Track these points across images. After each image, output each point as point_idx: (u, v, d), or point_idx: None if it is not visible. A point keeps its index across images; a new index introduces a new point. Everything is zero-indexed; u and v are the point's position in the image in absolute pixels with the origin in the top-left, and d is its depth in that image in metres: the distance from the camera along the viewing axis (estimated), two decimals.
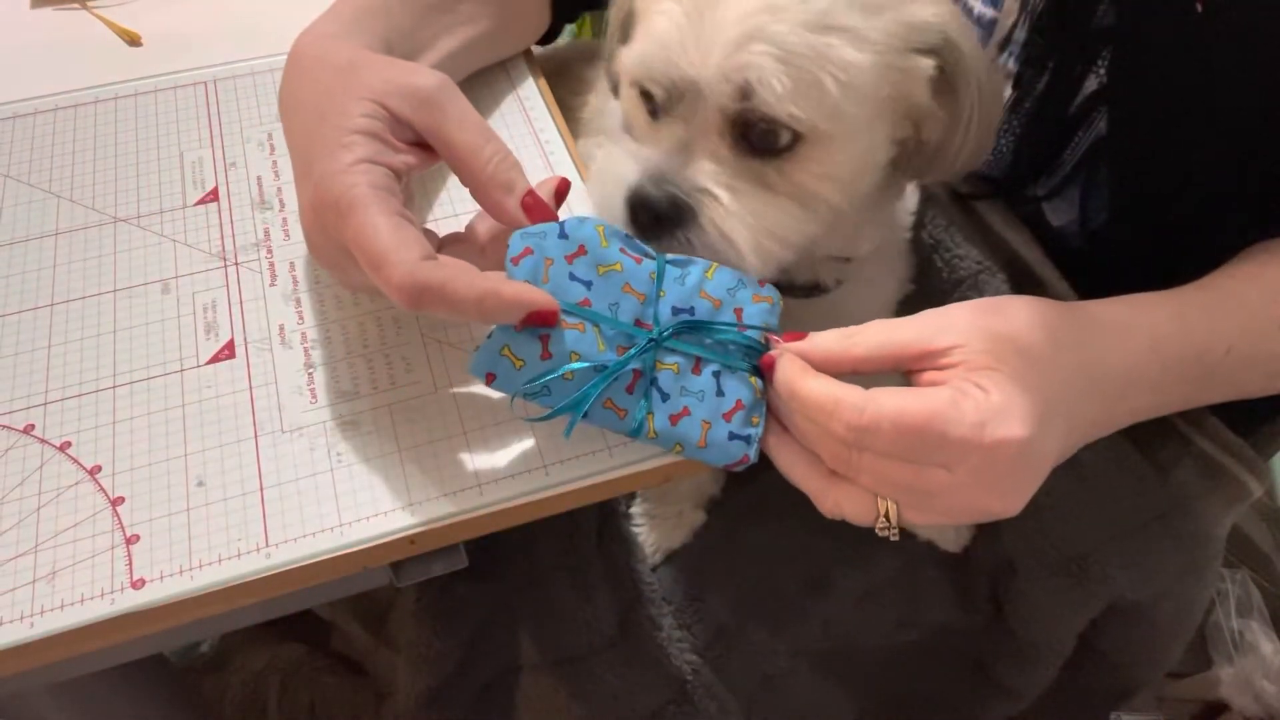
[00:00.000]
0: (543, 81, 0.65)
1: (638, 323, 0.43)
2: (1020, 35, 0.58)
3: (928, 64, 0.47)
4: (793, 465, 0.44)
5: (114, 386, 0.47)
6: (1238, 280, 0.49)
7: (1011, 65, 0.59)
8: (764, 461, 0.68)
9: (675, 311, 0.44)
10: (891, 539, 0.42)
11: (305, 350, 0.49)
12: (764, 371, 0.44)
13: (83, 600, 0.40)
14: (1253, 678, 1.03)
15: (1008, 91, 0.58)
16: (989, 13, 0.59)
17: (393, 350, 0.49)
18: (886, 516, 0.42)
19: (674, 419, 0.43)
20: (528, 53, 0.67)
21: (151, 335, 0.49)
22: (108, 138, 0.60)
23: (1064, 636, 0.66)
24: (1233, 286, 0.49)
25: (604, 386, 0.42)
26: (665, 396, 0.43)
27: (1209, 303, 0.48)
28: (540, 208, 0.44)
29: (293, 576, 0.41)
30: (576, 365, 0.41)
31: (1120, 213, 0.57)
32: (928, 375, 0.42)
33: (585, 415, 0.42)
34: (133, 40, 0.68)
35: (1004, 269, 0.62)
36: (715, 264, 0.45)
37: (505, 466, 0.44)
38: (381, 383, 0.48)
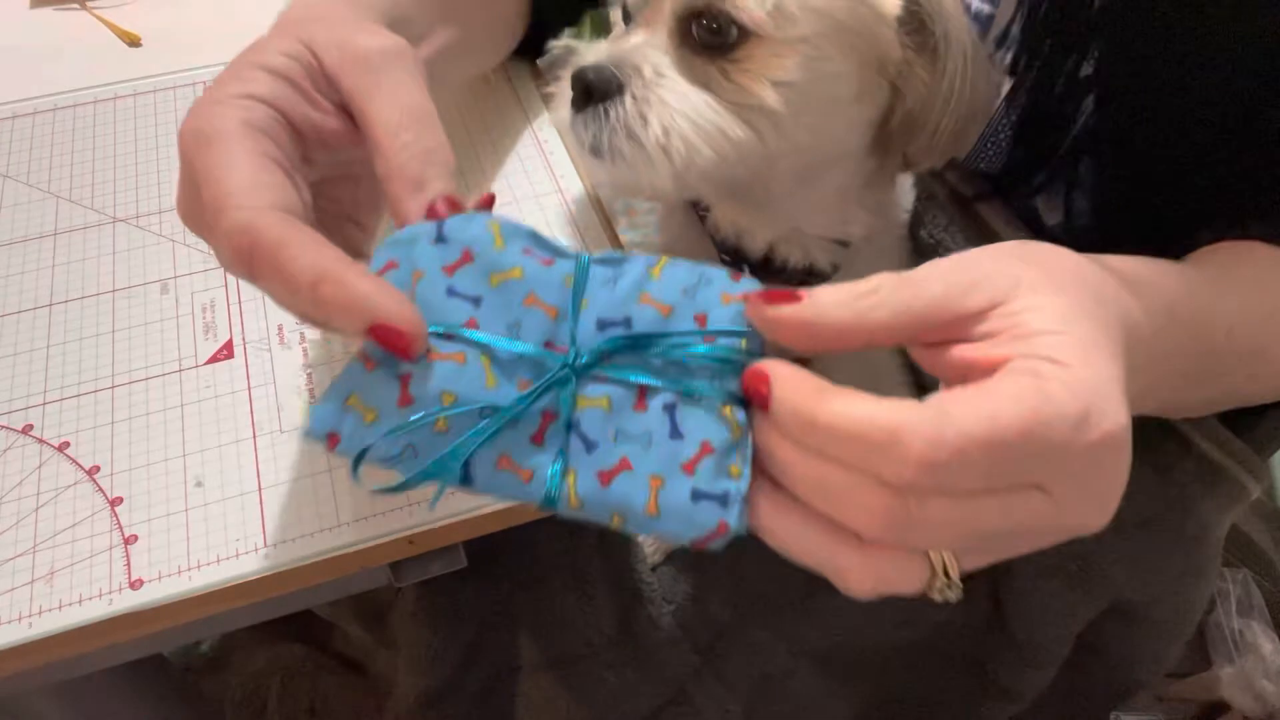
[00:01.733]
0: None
1: (547, 345, 0.32)
2: (1016, 31, 0.58)
3: (894, 3, 0.47)
4: (802, 539, 0.31)
5: (113, 386, 0.47)
6: (1229, 262, 0.48)
7: (1009, 59, 0.59)
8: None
9: (603, 326, 0.32)
10: (953, 599, 0.31)
11: (304, 350, 0.49)
12: (749, 395, 0.31)
13: (81, 601, 0.40)
14: (1253, 677, 1.03)
15: (1006, 84, 0.58)
16: (986, 8, 0.59)
17: None
18: (946, 574, 0.30)
19: (605, 476, 0.30)
20: (534, 68, 0.67)
21: (150, 335, 0.49)
22: (108, 138, 0.60)
23: (1063, 637, 0.66)
24: (1228, 264, 0.48)
25: (490, 436, 0.30)
26: (591, 446, 0.31)
27: (1210, 277, 0.45)
28: (438, 212, 0.34)
29: (292, 577, 0.41)
30: (451, 410, 0.30)
31: (1103, 209, 0.57)
32: (960, 352, 0.32)
33: (466, 480, 0.30)
34: (133, 40, 0.68)
35: None
36: (664, 258, 0.33)
37: None
38: None
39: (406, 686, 0.66)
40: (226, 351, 0.49)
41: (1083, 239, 0.57)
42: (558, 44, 0.56)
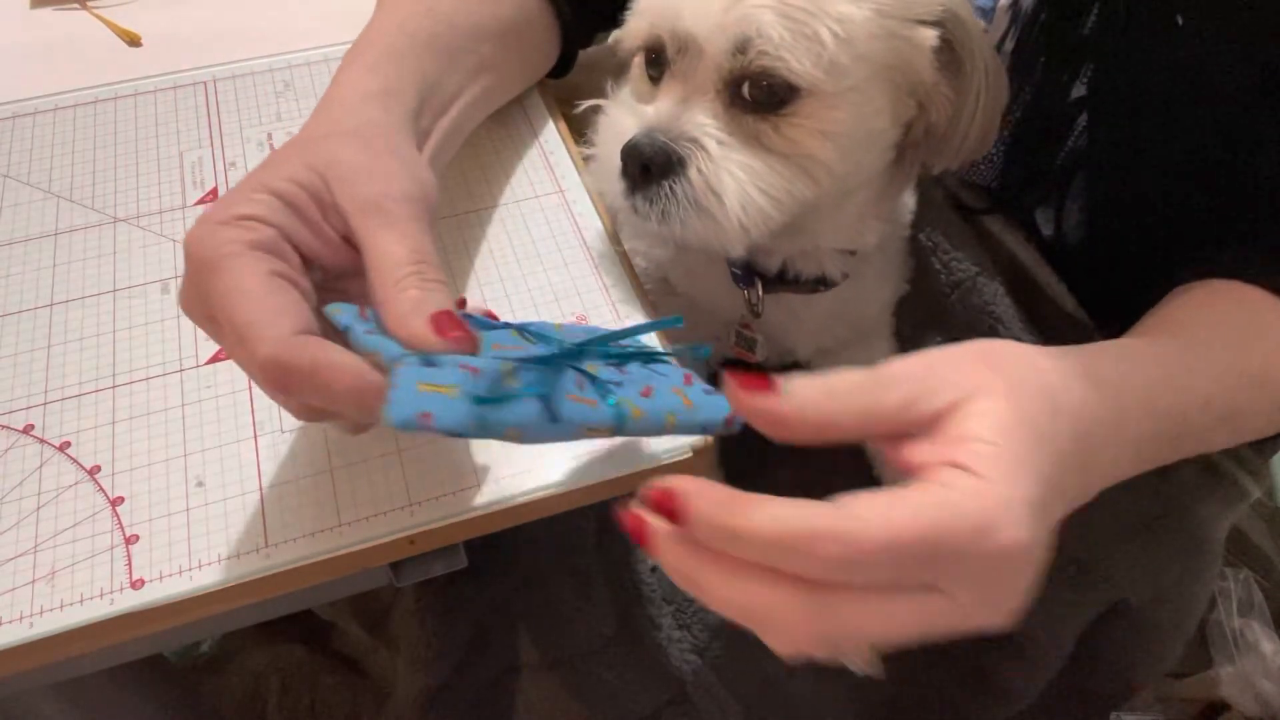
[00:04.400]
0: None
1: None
2: (1009, 48, 0.58)
3: (930, 34, 0.47)
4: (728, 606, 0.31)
5: (114, 386, 0.47)
6: (1201, 328, 0.48)
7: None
8: (758, 465, 0.68)
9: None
10: (872, 674, 0.32)
11: None
12: (659, 510, 0.32)
13: (82, 600, 0.40)
14: (1253, 677, 1.03)
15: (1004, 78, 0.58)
16: (980, 24, 0.60)
17: None
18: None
19: (646, 392, 0.36)
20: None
21: (151, 335, 0.49)
22: (108, 138, 0.60)
23: (1064, 638, 0.66)
24: (1200, 335, 0.47)
25: (556, 378, 0.34)
26: (619, 385, 0.37)
27: (1184, 352, 0.45)
28: (455, 323, 0.35)
29: (292, 576, 0.41)
30: (517, 354, 0.34)
31: (1095, 224, 0.57)
32: (903, 453, 0.34)
33: (553, 418, 0.34)
34: (133, 40, 0.68)
35: (1001, 272, 0.62)
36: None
37: (505, 466, 0.44)
38: None
39: (406, 686, 0.66)
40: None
41: (1075, 252, 0.57)
42: (584, 103, 0.55)
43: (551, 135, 0.62)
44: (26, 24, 0.71)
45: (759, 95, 0.46)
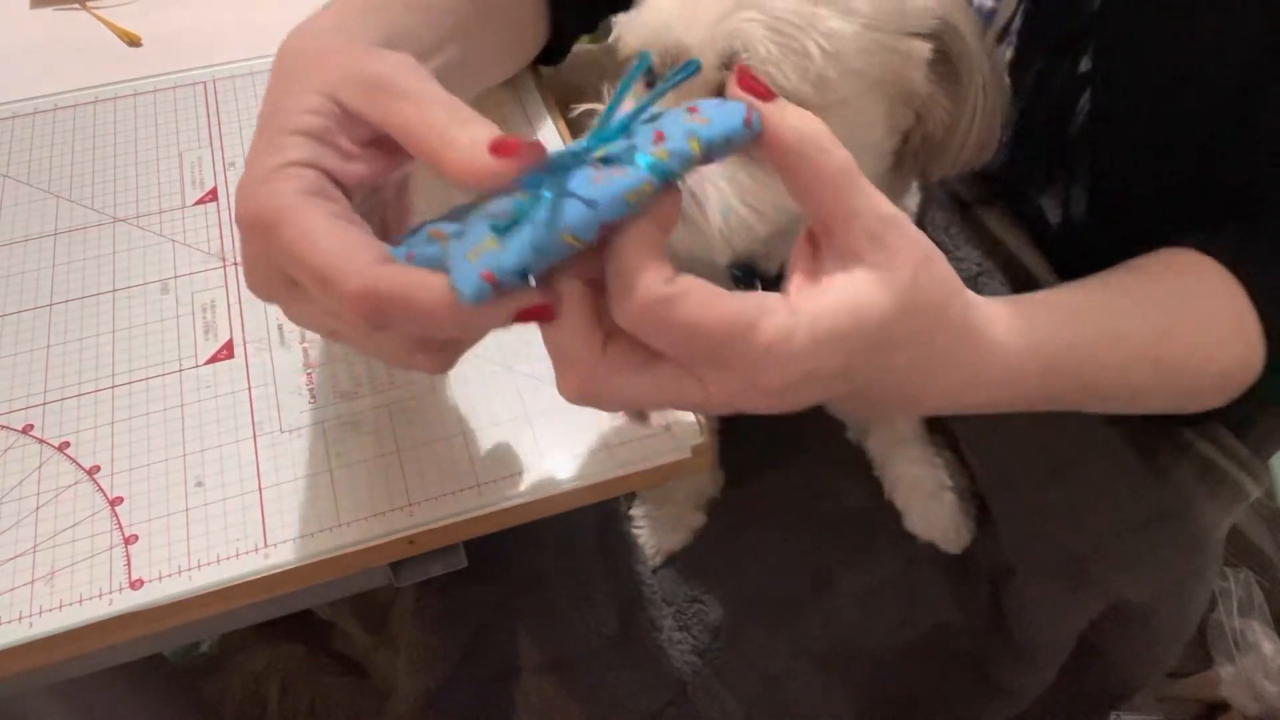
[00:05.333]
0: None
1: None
2: (1017, 26, 0.58)
3: (924, 47, 0.47)
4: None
5: (113, 386, 0.47)
6: (1139, 297, 0.49)
7: (1010, 55, 0.59)
8: (761, 463, 0.68)
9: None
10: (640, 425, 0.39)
11: (304, 350, 0.49)
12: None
13: (81, 601, 0.40)
14: (1253, 677, 1.03)
15: (1006, 82, 0.58)
16: (988, 3, 0.59)
17: None
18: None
19: (658, 138, 0.35)
20: (535, 71, 0.67)
21: (150, 335, 0.49)
22: (107, 138, 0.60)
23: (1063, 638, 0.66)
24: (1131, 303, 0.49)
25: (566, 178, 0.33)
26: (631, 148, 0.35)
27: (1108, 315, 0.47)
28: (512, 147, 0.33)
29: (292, 577, 0.41)
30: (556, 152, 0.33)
31: (1101, 208, 0.57)
32: (804, 253, 0.38)
33: (590, 205, 0.32)
34: (132, 40, 0.68)
35: (1002, 270, 0.62)
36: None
37: (504, 466, 0.44)
38: (381, 383, 0.47)
39: (406, 687, 0.66)
40: (226, 351, 0.49)
41: (1082, 240, 0.57)
42: (580, 107, 0.55)
43: (551, 135, 0.62)
44: (26, 24, 0.71)
45: None
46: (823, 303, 0.35)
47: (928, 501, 0.66)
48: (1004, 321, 0.42)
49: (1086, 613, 0.64)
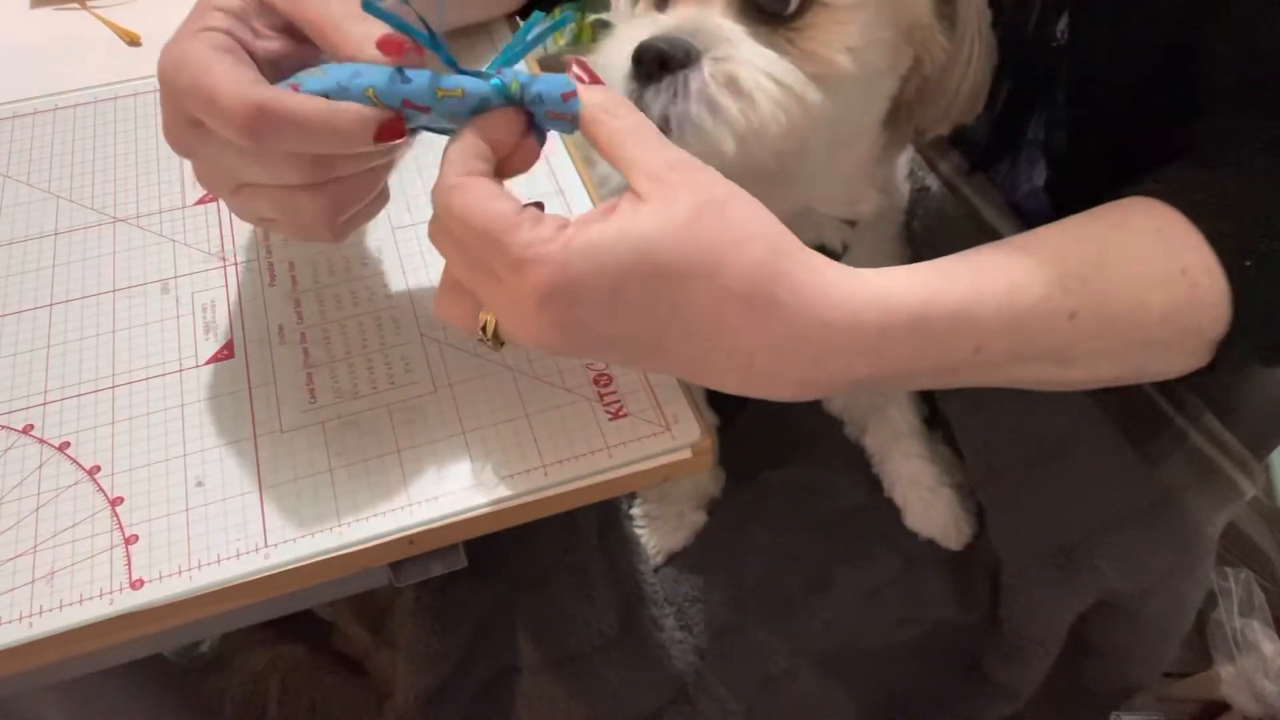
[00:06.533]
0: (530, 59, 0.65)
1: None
2: None
3: None
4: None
5: (113, 386, 0.47)
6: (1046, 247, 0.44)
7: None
8: (761, 462, 0.68)
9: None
10: (490, 350, 0.41)
11: (304, 350, 0.49)
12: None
13: (81, 600, 0.40)
14: (1254, 677, 1.03)
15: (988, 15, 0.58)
16: None
17: (392, 350, 0.49)
18: (484, 328, 0.40)
19: (498, 72, 0.40)
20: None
21: (151, 335, 0.49)
22: (107, 138, 0.60)
23: (1053, 630, 0.66)
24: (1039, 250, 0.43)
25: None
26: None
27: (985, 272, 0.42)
28: (400, 41, 0.40)
29: (292, 577, 0.41)
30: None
31: (1079, 154, 0.56)
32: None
33: (405, 79, 0.39)
34: (133, 40, 0.68)
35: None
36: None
37: (504, 466, 0.44)
38: (381, 383, 0.47)
39: (406, 686, 0.66)
40: (226, 351, 0.49)
41: (1065, 194, 0.56)
42: (593, 16, 0.56)
43: (551, 133, 0.61)
44: (26, 24, 0.71)
45: (771, 3, 0.46)
46: (591, 226, 0.36)
47: (927, 497, 0.66)
48: (852, 280, 0.39)
49: (1075, 604, 0.64)
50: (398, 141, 0.40)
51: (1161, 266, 0.42)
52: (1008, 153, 0.62)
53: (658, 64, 0.45)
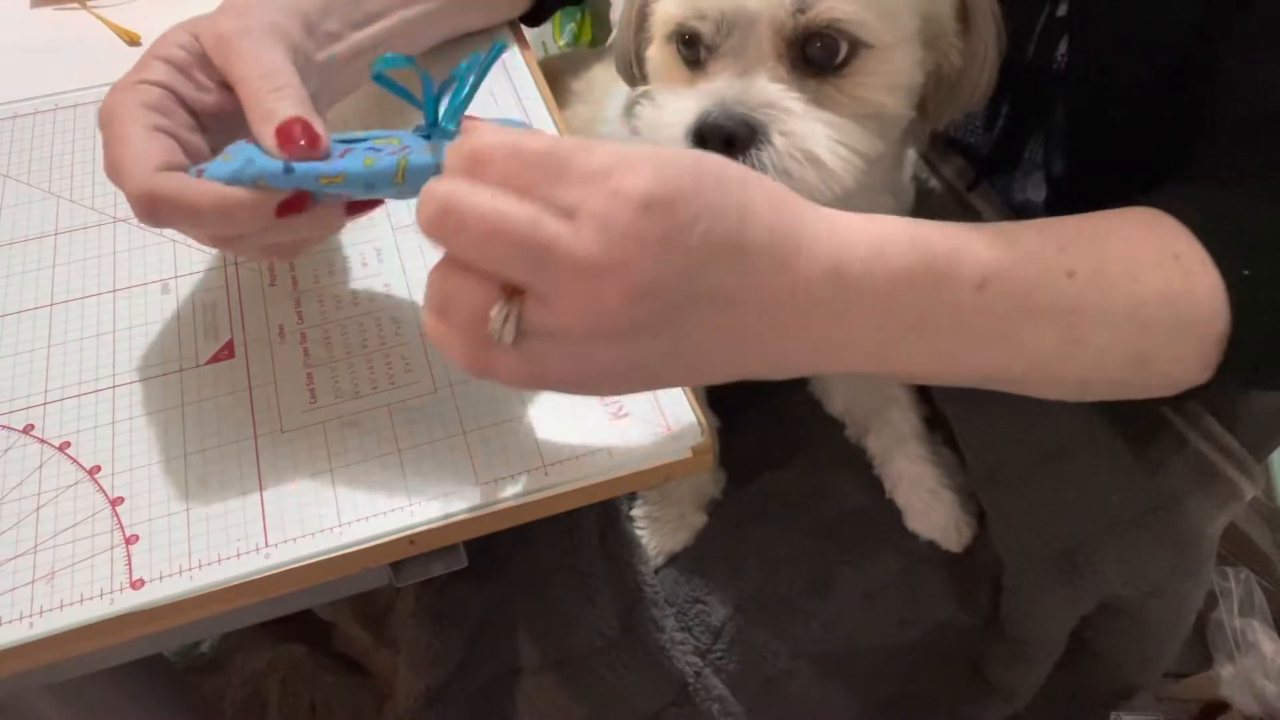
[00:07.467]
0: (532, 60, 0.65)
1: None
2: None
3: None
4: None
5: (114, 386, 0.47)
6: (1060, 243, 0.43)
7: None
8: (762, 463, 0.68)
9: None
10: (505, 339, 0.34)
11: (305, 350, 0.49)
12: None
13: (82, 600, 0.40)
14: (1254, 677, 1.03)
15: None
16: None
17: (392, 350, 0.49)
18: (507, 316, 0.34)
19: (394, 150, 0.41)
20: (520, 36, 0.67)
21: (151, 335, 0.49)
22: None
23: (1054, 633, 0.66)
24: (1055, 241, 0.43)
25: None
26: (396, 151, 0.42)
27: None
28: (294, 133, 0.41)
29: (292, 576, 0.41)
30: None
31: (1078, 168, 0.56)
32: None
33: (287, 170, 0.40)
34: (133, 40, 0.68)
35: None
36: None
37: (505, 466, 0.44)
38: (381, 383, 0.47)
39: (406, 687, 0.66)
40: (226, 351, 0.49)
41: (1063, 210, 0.57)
42: (633, 93, 0.55)
43: (538, 108, 0.61)
44: (26, 24, 0.71)
45: (820, 56, 0.46)
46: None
47: (928, 499, 0.66)
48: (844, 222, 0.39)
49: (1077, 608, 0.64)
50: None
51: (1154, 249, 0.41)
52: (1007, 169, 0.62)
53: (724, 144, 0.45)
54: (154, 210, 0.40)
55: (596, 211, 0.32)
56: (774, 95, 0.46)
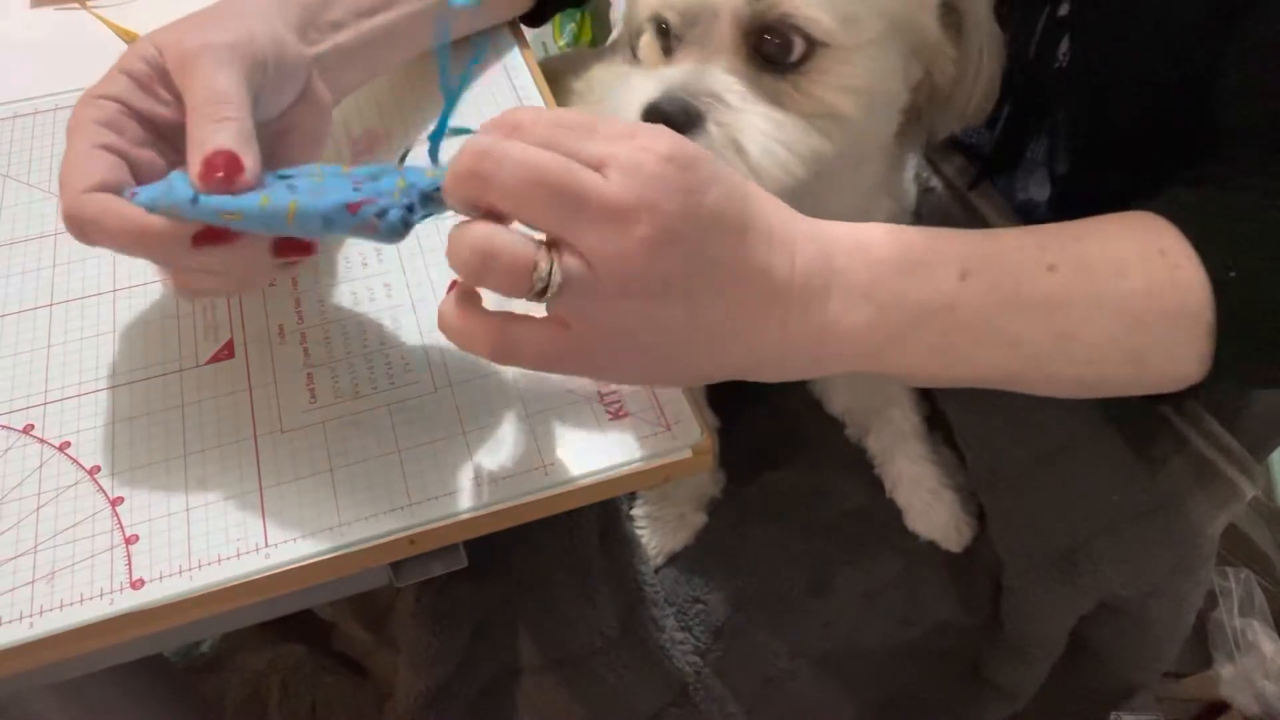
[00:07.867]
0: (532, 60, 0.66)
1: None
2: None
3: None
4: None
5: (113, 386, 0.47)
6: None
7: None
8: (762, 463, 0.68)
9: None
10: (552, 287, 0.35)
11: (305, 350, 0.49)
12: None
13: (82, 600, 0.40)
14: (1254, 677, 1.03)
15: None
16: None
17: (392, 350, 0.49)
18: (549, 272, 0.35)
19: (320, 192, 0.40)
20: (520, 37, 0.68)
21: (151, 335, 0.49)
22: None
23: (1054, 633, 0.66)
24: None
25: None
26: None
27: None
28: (216, 164, 0.40)
29: (292, 576, 0.41)
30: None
31: (1081, 168, 0.56)
32: None
33: (194, 200, 0.39)
34: (133, 40, 0.68)
35: None
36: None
37: (505, 466, 0.44)
38: (381, 383, 0.47)
39: (406, 687, 0.66)
40: (227, 351, 0.49)
41: (1068, 212, 0.57)
42: (591, 72, 0.56)
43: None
44: (26, 24, 0.71)
45: (776, 53, 0.47)
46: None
47: (928, 499, 0.66)
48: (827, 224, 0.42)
49: (1077, 607, 0.64)
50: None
51: (1139, 245, 0.42)
52: (1009, 168, 0.62)
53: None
54: (79, 230, 0.40)
55: (624, 160, 0.35)
56: (720, 85, 0.47)
